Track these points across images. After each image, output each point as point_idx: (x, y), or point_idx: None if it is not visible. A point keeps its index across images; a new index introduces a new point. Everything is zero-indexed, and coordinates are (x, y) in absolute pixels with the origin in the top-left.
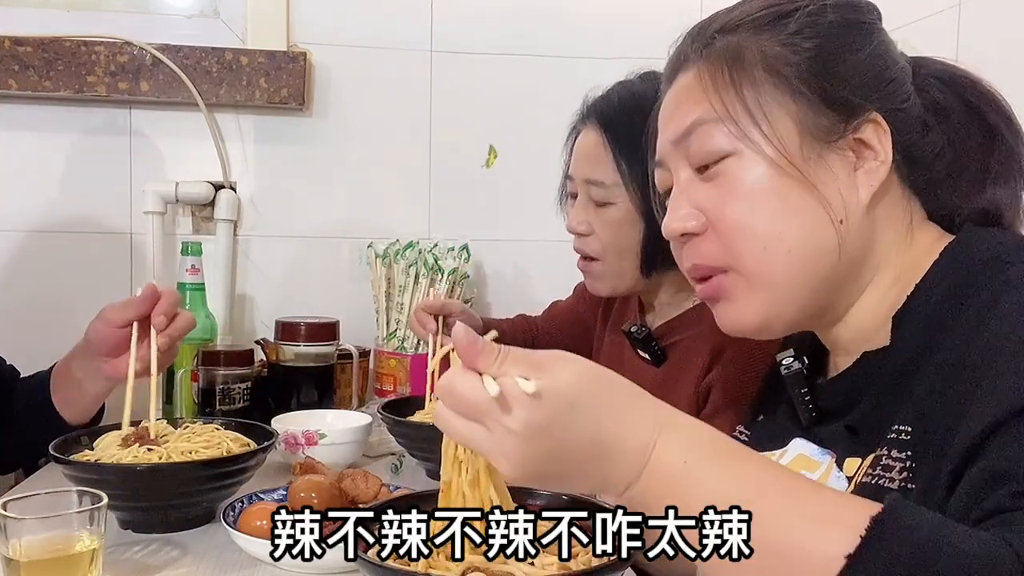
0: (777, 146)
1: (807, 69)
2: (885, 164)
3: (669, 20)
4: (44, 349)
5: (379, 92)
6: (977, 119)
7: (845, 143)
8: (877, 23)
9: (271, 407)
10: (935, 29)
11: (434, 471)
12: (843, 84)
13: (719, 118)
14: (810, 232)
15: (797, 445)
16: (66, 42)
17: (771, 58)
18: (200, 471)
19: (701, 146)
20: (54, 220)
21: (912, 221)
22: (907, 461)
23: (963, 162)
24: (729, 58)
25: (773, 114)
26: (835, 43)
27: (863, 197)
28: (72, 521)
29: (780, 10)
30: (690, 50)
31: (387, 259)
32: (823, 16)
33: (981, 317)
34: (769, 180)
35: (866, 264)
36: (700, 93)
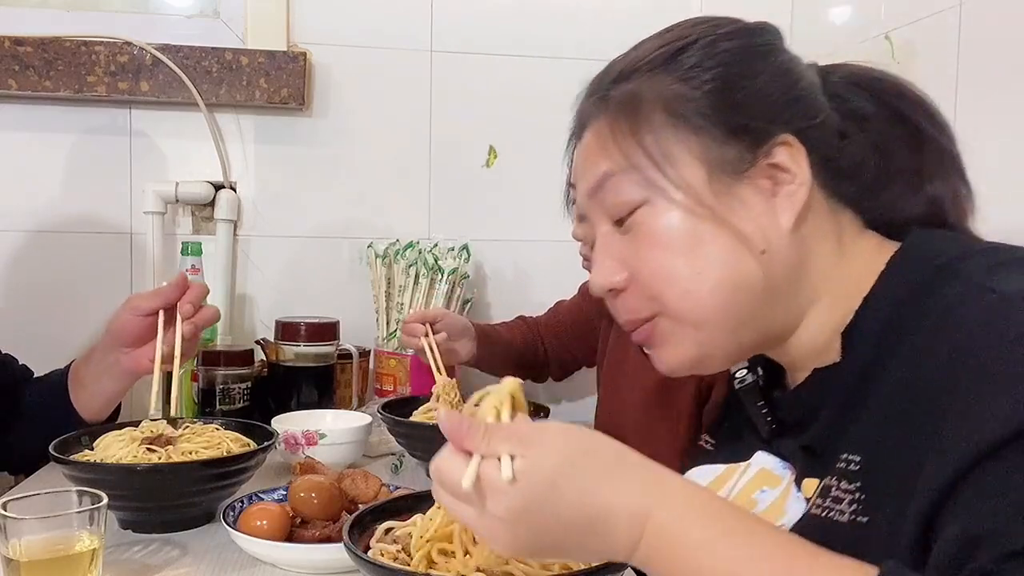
0: (684, 189)
1: (707, 104)
2: (804, 185)
3: (669, 21)
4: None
5: (379, 92)
6: (899, 119)
7: (758, 171)
8: (775, 43)
9: (271, 407)
10: (935, 29)
11: None
12: (746, 112)
13: (624, 169)
14: (731, 269)
15: (760, 459)
16: (66, 42)
17: (669, 99)
18: (200, 471)
19: (613, 199)
20: (54, 220)
21: (845, 234)
22: (856, 493)
23: (893, 165)
24: (627, 106)
25: (676, 156)
26: (733, 72)
27: (785, 222)
28: (72, 521)
29: (674, 47)
30: (590, 105)
31: (387, 259)
32: (717, 46)
33: (930, 336)
34: (681, 224)
35: (802, 285)
36: (604, 146)
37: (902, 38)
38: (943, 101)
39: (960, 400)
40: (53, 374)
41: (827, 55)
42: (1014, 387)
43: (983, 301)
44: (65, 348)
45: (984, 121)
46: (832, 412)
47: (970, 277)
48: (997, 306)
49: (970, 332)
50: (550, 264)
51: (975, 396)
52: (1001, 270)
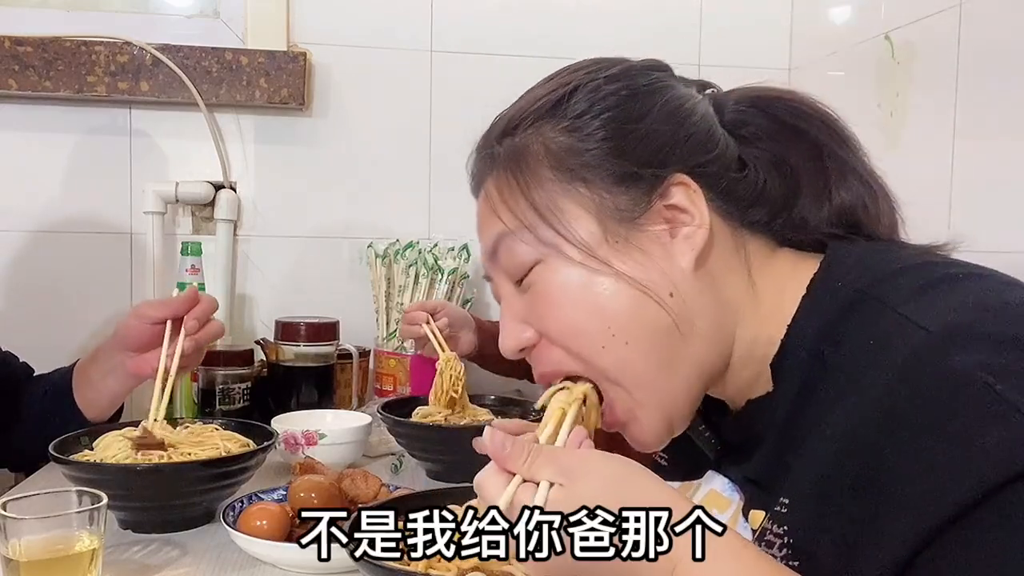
0: (578, 244)
1: (595, 154)
2: (703, 225)
3: (669, 21)
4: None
5: (379, 92)
6: (796, 134)
7: (654, 214)
8: (663, 81)
9: (271, 407)
10: (935, 29)
11: (434, 471)
12: (635, 158)
13: (517, 228)
14: (640, 318)
15: (711, 479)
16: (66, 42)
17: (555, 151)
18: (200, 471)
19: (509, 260)
20: (54, 220)
21: (754, 262)
22: (785, 537)
23: (797, 181)
24: (513, 163)
25: (567, 211)
26: (620, 117)
27: (686, 264)
28: (72, 521)
29: (558, 94)
30: (479, 164)
31: (387, 259)
32: (602, 91)
33: (859, 374)
34: (580, 279)
35: (720, 318)
36: (495, 207)
37: (902, 38)
38: (943, 101)
39: (903, 463)
40: (56, 373)
41: (827, 55)
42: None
43: (910, 342)
44: (65, 348)
45: (984, 121)
46: (770, 447)
47: (894, 307)
48: (927, 347)
49: (901, 379)
50: None
51: (921, 457)
52: (927, 295)
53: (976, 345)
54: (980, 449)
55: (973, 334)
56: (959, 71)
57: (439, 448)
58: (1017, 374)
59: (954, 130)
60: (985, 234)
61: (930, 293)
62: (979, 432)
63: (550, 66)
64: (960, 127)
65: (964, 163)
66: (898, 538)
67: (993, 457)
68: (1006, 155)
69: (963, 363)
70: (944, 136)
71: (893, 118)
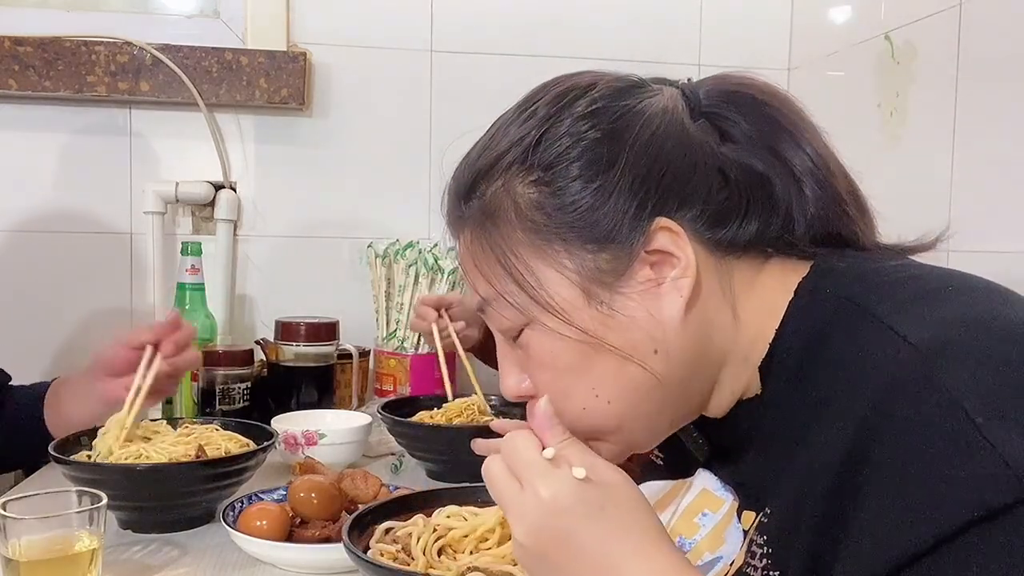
0: (559, 313)
1: (568, 211)
2: (689, 268)
3: (669, 21)
4: (45, 348)
5: (379, 92)
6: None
7: (638, 264)
8: (632, 106)
9: (271, 407)
10: (935, 29)
11: (434, 471)
12: (612, 211)
13: (496, 298)
14: (625, 379)
15: (702, 478)
16: (66, 42)
17: (526, 211)
18: (200, 471)
19: (497, 324)
20: (54, 220)
21: (740, 290)
22: (765, 547)
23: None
24: (484, 226)
25: (545, 278)
26: (592, 166)
27: (675, 314)
28: (72, 521)
29: (526, 143)
30: (454, 213)
31: (387, 259)
32: (575, 131)
33: (842, 385)
34: (563, 346)
35: (708, 357)
36: (471, 272)
37: (902, 38)
38: (943, 101)
39: (877, 485)
40: (37, 385)
41: (827, 55)
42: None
43: (896, 355)
44: (65, 348)
45: (984, 121)
46: (760, 448)
47: (881, 318)
48: (911, 364)
49: (884, 395)
50: None
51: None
52: (916, 306)
53: (961, 364)
54: (949, 484)
55: (959, 352)
56: (959, 71)
57: (439, 448)
58: (999, 400)
59: (954, 130)
60: (985, 234)
61: (919, 305)
62: (950, 465)
63: (550, 66)
64: (960, 127)
65: (964, 163)
66: (859, 567)
67: (960, 495)
68: (1006, 155)
69: (946, 386)
70: (944, 136)
71: (893, 118)
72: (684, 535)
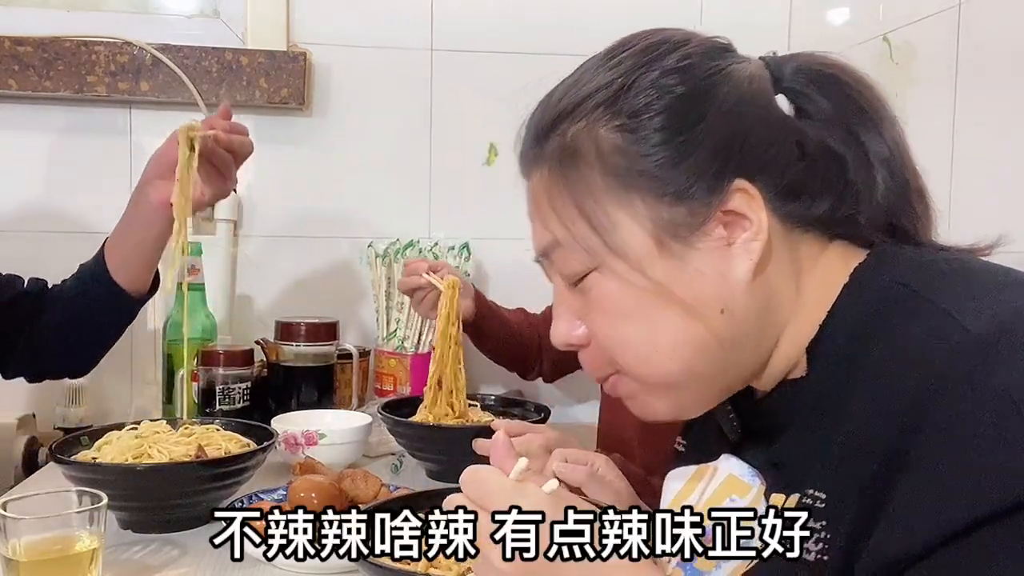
0: (630, 260)
1: (650, 161)
2: (761, 232)
3: (669, 21)
4: None
5: (379, 92)
6: (854, 118)
7: (712, 223)
8: (722, 67)
9: (271, 407)
10: (934, 29)
11: (434, 471)
12: (693, 167)
13: (567, 240)
14: (688, 334)
15: (728, 463)
16: (66, 42)
17: (607, 156)
18: (200, 471)
19: (562, 268)
20: (54, 220)
21: (805, 262)
22: (822, 532)
23: (850, 168)
24: (563, 164)
25: (619, 223)
26: (677, 120)
27: (743, 275)
28: (72, 521)
29: (616, 86)
30: (528, 155)
31: (387, 259)
32: (662, 85)
33: (896, 366)
34: (631, 294)
35: (768, 324)
36: (544, 211)
37: (901, 39)
38: (942, 101)
39: (918, 467)
40: (83, 264)
41: None
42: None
43: (952, 340)
44: None
45: (983, 121)
46: (799, 430)
47: (939, 303)
48: (966, 350)
49: (936, 378)
50: None
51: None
52: (974, 297)
53: (1015, 355)
54: (989, 472)
55: (1014, 343)
56: (958, 72)
57: (439, 448)
58: None
59: (953, 131)
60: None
61: (976, 295)
62: (993, 453)
63: (550, 65)
64: (958, 128)
65: (963, 163)
66: (892, 547)
67: (998, 483)
68: (1005, 155)
69: (998, 376)
70: (943, 137)
71: None
72: None
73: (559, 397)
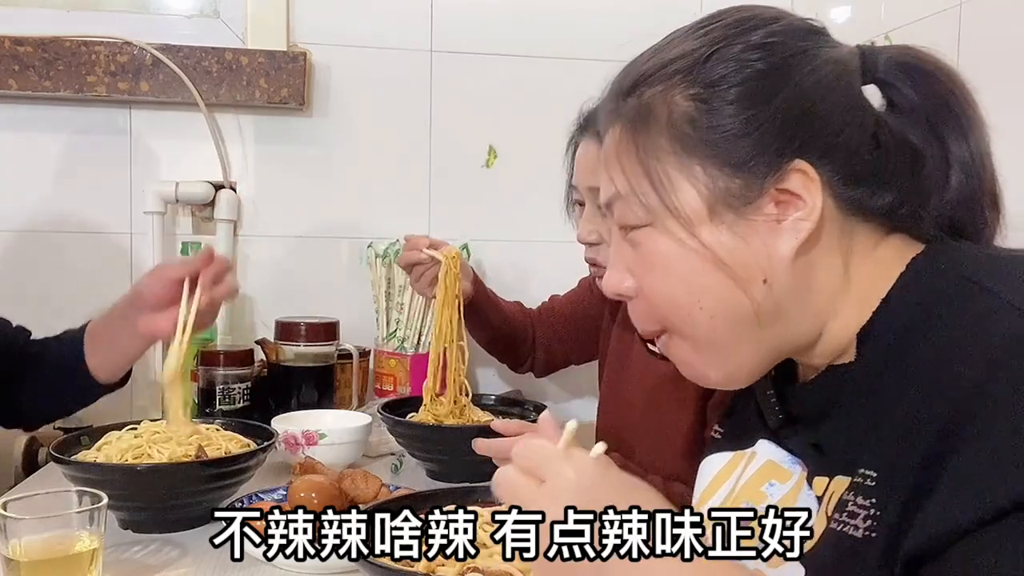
0: (682, 221)
1: (717, 131)
2: (813, 214)
3: (669, 22)
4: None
5: (379, 92)
6: (938, 117)
7: (766, 197)
8: (809, 49)
9: (271, 407)
10: (935, 29)
11: (434, 471)
12: (757, 142)
13: (628, 192)
14: (729, 302)
15: (766, 449)
16: (66, 42)
17: (678, 120)
18: (200, 471)
19: (621, 218)
20: (53, 220)
21: (855, 252)
22: (871, 509)
23: (926, 167)
24: (636, 124)
25: (678, 186)
26: (751, 94)
27: (787, 252)
28: (72, 521)
29: (698, 54)
30: (606, 111)
31: (387, 259)
32: (745, 60)
33: (952, 351)
34: (678, 252)
35: (811, 302)
36: (611, 165)
37: (902, 38)
38: None
39: (972, 444)
40: (65, 334)
41: None
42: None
43: (1013, 325)
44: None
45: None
46: (844, 414)
47: (1000, 294)
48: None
49: (994, 361)
50: (550, 264)
51: (986, 446)
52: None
53: None
54: None
55: None
56: (959, 71)
57: (439, 448)
58: None
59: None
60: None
61: None
62: None
63: (550, 66)
64: None
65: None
66: (942, 520)
67: None
68: (1005, 156)
69: None
70: None
71: None
72: (752, 502)
73: (559, 396)
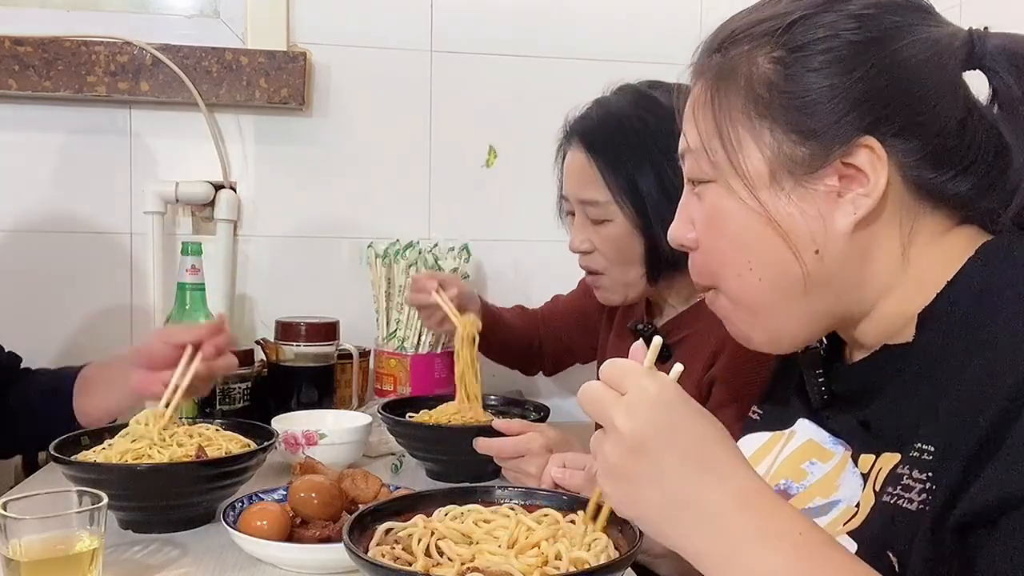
0: (746, 181)
1: (792, 97)
2: (875, 191)
3: (668, 22)
4: (45, 348)
5: (379, 92)
6: None
7: (830, 169)
8: (904, 25)
9: (271, 407)
10: None
11: (434, 471)
12: (830, 113)
13: (699, 147)
14: (780, 267)
15: (806, 429)
16: (66, 42)
17: (755, 84)
18: (200, 471)
19: (690, 171)
20: (54, 220)
21: (917, 238)
22: (927, 483)
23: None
24: (719, 80)
25: (746, 147)
26: (835, 64)
27: (842, 226)
28: (72, 521)
29: (788, 19)
30: (698, 60)
31: (387, 259)
32: (835, 29)
33: (1015, 336)
34: (738, 213)
35: (865, 279)
36: (691, 117)
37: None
38: None
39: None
40: (62, 370)
41: None
42: None
43: None
44: (66, 349)
45: None
46: (898, 391)
47: None
48: None
49: None
50: (550, 264)
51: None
52: None
53: None
54: None
55: None
56: None
57: (439, 448)
58: None
59: None
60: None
61: None
62: None
63: (550, 66)
64: None
65: None
66: (993, 491)
67: None
68: None
69: None
70: None
71: None
72: (792, 479)
73: (559, 395)
